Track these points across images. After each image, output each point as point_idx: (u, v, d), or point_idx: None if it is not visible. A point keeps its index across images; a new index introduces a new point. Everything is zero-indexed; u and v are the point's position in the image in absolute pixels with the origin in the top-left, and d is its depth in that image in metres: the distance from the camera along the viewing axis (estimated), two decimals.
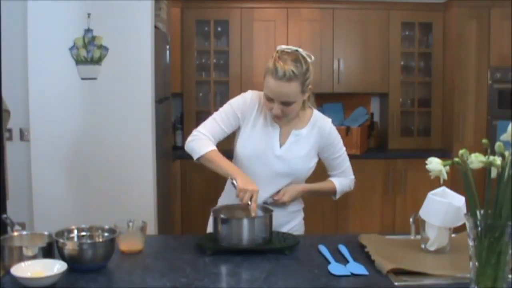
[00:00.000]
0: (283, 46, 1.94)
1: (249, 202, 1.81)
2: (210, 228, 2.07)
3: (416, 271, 1.51)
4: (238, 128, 2.06)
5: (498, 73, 4.28)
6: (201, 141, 1.98)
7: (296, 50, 1.91)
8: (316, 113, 2.08)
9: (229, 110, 2.04)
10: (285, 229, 2.04)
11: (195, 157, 1.99)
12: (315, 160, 2.07)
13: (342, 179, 2.13)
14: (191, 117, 4.46)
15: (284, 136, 2.03)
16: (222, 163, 1.93)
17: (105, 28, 3.15)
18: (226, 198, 2.10)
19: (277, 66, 1.86)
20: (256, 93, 2.06)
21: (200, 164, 2.00)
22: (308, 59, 1.92)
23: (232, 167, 1.93)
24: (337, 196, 2.15)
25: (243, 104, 2.03)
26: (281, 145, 2.02)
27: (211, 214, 1.87)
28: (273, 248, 1.74)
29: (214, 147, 1.98)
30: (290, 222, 2.10)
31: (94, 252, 1.55)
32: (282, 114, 1.93)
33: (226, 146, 2.15)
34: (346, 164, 2.13)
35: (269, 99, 1.91)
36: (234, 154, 2.08)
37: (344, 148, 2.12)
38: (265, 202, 1.97)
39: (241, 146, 2.02)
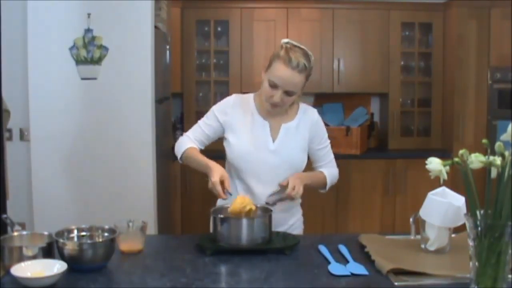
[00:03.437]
0: (289, 40, 1.99)
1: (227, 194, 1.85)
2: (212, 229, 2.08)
3: (416, 271, 1.51)
4: (224, 133, 2.08)
5: (498, 73, 4.28)
6: (182, 143, 2.10)
7: (300, 46, 1.98)
8: (302, 105, 2.13)
9: (211, 115, 2.10)
10: (285, 227, 2.05)
11: (178, 157, 2.10)
12: (307, 151, 2.10)
13: (331, 170, 2.15)
14: (191, 117, 4.45)
15: (274, 131, 2.06)
16: (199, 157, 2.01)
17: (105, 28, 3.15)
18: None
19: (291, 56, 1.91)
20: (239, 96, 2.11)
21: (186, 165, 2.08)
22: (312, 57, 1.99)
23: (208, 160, 1.97)
24: (327, 188, 2.15)
25: (225, 108, 2.08)
26: (273, 140, 2.04)
27: (211, 214, 1.86)
28: (273, 248, 1.74)
29: (193, 145, 2.07)
30: (291, 218, 2.11)
31: (94, 252, 1.55)
32: (281, 102, 1.96)
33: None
34: (331, 156, 2.16)
35: (274, 86, 1.94)
36: (227, 160, 2.10)
37: (329, 141, 2.15)
38: (267, 202, 1.96)
39: (234, 148, 2.04)
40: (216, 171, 1.89)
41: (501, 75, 4.28)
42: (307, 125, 2.09)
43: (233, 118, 2.06)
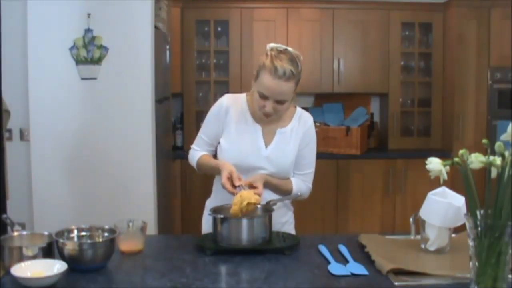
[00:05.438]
0: (273, 44, 1.94)
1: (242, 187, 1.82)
2: (205, 229, 2.09)
3: (416, 271, 1.51)
4: (221, 136, 2.06)
5: (498, 73, 4.28)
6: (192, 155, 2.14)
7: (286, 49, 1.92)
8: (299, 109, 2.10)
9: (208, 121, 2.09)
10: (280, 225, 2.03)
11: (196, 169, 2.15)
12: None
13: (301, 184, 2.07)
14: (191, 117, 4.46)
15: (268, 135, 2.02)
16: (210, 162, 2.04)
17: (105, 28, 3.15)
18: (213, 200, 2.11)
19: (276, 65, 1.85)
20: (231, 97, 2.08)
21: (204, 174, 2.15)
22: (300, 58, 1.93)
23: (217, 162, 2.00)
24: (291, 199, 2.08)
25: (218, 111, 2.05)
26: (266, 145, 2.01)
27: (211, 214, 1.86)
28: (273, 248, 1.74)
29: (202, 153, 2.09)
30: (283, 216, 2.08)
31: (94, 252, 1.55)
32: (274, 112, 1.93)
33: None
34: (310, 170, 2.09)
35: (264, 97, 1.91)
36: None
37: (315, 155, 2.10)
38: (267, 202, 1.95)
39: (226, 154, 2.01)
40: (225, 169, 1.88)
41: (501, 75, 4.28)
42: (301, 130, 2.05)
43: (228, 120, 2.03)
